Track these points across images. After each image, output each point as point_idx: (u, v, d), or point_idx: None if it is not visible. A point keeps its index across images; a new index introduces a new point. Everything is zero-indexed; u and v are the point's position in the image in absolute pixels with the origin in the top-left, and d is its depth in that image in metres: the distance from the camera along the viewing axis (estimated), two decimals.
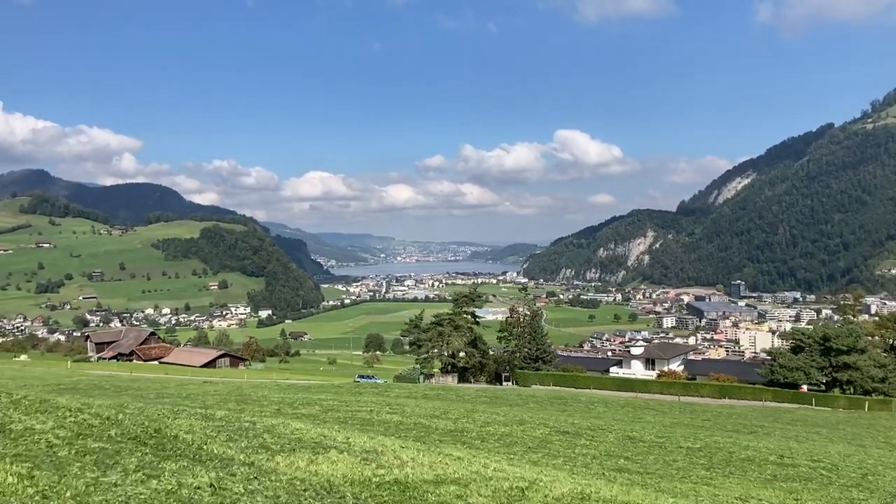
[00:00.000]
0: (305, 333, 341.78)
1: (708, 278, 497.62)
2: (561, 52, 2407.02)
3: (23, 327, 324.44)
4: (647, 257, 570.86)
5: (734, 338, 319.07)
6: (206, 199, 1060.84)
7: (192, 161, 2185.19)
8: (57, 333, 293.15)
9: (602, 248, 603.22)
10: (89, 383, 33.02)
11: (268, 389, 32.06)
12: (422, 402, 23.43)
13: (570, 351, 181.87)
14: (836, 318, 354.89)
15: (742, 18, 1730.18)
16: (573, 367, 70.24)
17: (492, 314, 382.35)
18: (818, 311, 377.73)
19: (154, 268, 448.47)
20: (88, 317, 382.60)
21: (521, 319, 68.10)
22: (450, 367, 67.80)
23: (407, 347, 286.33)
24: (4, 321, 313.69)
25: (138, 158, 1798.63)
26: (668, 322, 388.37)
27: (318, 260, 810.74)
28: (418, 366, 66.10)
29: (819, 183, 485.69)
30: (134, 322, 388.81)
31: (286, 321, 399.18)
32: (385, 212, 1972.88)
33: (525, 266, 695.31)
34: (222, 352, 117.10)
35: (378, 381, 60.55)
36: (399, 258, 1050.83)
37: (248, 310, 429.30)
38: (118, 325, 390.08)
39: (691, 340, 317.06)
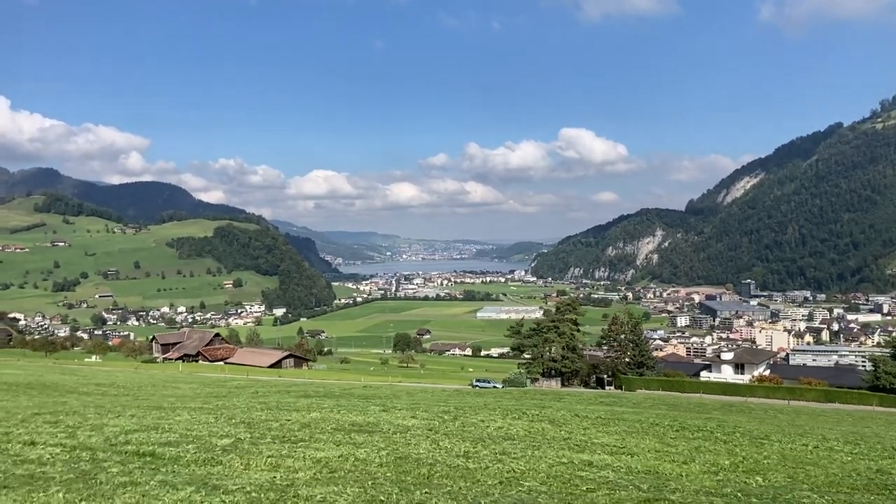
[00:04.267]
0: (323, 332, 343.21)
1: (717, 277, 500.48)
2: (565, 51, 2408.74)
3: (44, 324, 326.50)
4: (655, 256, 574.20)
5: (750, 337, 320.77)
6: (212, 197, 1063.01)
7: (198, 159, 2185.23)
8: (80, 331, 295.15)
9: (611, 247, 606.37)
10: (319, 392, 33.72)
11: (474, 396, 33.34)
12: (737, 418, 25.62)
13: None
14: (848, 316, 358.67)
15: (745, 17, 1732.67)
16: (672, 371, 72.96)
17: (504, 313, 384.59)
18: (830, 311, 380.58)
19: (168, 266, 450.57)
20: (105, 315, 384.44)
21: (624, 327, 70.76)
22: (552, 372, 70.51)
23: (427, 347, 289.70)
24: (28, 319, 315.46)
25: (145, 157, 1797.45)
26: (682, 321, 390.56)
27: (326, 258, 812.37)
28: (523, 370, 68.72)
29: (828, 182, 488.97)
30: (150, 320, 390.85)
31: (301, 319, 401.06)
32: (389, 210, 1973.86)
33: (533, 265, 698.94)
34: (287, 352, 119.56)
35: (497, 385, 63.02)
36: (405, 256, 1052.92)
37: (263, 308, 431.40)
38: (135, 323, 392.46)
39: (707, 339, 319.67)
